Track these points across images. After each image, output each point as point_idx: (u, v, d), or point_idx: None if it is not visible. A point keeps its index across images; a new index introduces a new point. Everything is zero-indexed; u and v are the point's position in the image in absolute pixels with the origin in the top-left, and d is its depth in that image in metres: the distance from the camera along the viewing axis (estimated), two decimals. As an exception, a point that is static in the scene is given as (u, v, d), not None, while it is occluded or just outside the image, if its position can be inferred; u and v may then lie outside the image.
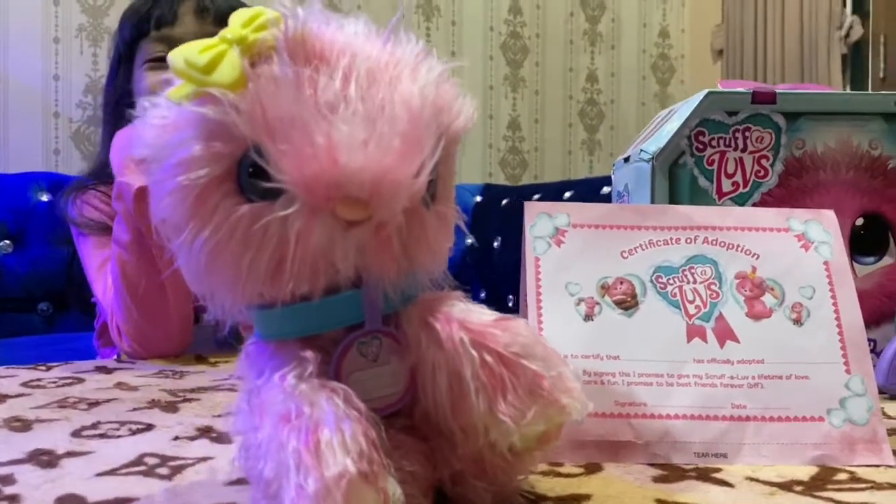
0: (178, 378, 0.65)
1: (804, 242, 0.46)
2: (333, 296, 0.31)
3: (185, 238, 0.31)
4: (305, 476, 0.27)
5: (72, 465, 0.39)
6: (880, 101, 0.59)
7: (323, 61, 0.30)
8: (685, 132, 0.58)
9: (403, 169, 0.30)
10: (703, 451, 0.41)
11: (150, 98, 0.33)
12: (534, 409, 0.30)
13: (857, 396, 0.42)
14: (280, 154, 0.29)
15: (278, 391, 0.30)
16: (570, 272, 0.44)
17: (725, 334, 0.43)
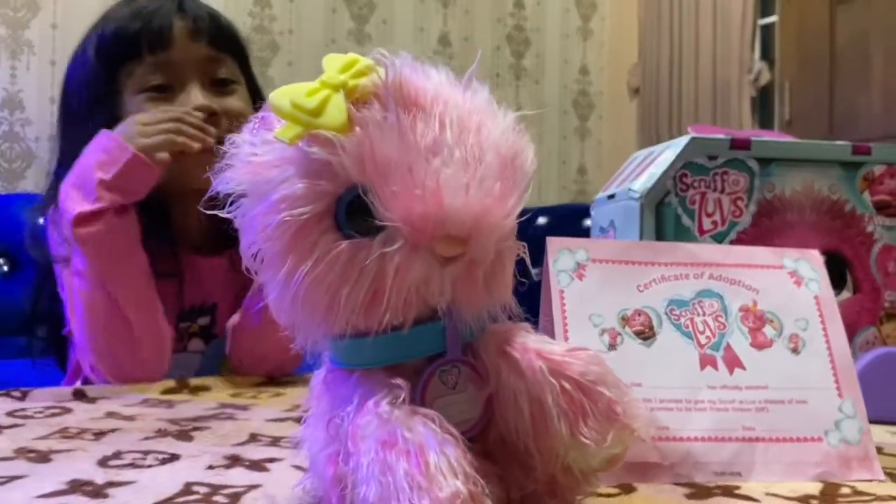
0: (169, 407, 0.64)
1: (796, 279, 0.51)
2: (420, 326, 0.33)
3: (284, 271, 0.32)
4: (420, 498, 0.29)
5: (123, 496, 0.39)
6: (839, 150, 0.65)
7: (418, 108, 0.33)
8: (671, 173, 0.63)
9: (500, 210, 0.32)
10: (720, 471, 0.44)
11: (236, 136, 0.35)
12: (612, 432, 0.33)
13: (850, 418, 0.47)
14: (389, 194, 0.31)
15: (373, 417, 0.32)
16: (592, 304, 0.48)
17: (734, 362, 0.47)
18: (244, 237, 0.34)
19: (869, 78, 2.21)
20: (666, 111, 2.93)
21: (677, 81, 2.89)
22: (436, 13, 2.80)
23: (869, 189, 0.66)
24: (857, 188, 0.66)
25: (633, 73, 3.14)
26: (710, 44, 2.74)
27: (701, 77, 2.78)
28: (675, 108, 2.89)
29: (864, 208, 0.66)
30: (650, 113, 3.00)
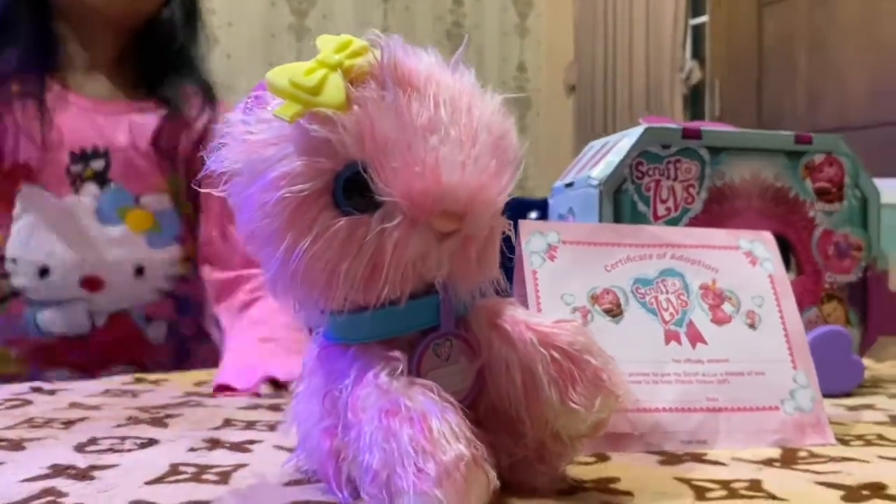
0: (134, 397, 0.63)
1: (752, 259, 0.54)
2: (415, 301, 0.34)
3: (283, 247, 0.33)
4: (425, 461, 0.30)
5: (110, 478, 0.39)
6: (783, 139, 0.69)
7: (413, 88, 0.34)
8: (627, 161, 0.65)
9: (494, 187, 0.33)
10: (687, 439, 0.47)
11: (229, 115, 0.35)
12: (599, 398, 0.35)
13: (803, 388, 0.50)
14: (390, 171, 0.32)
15: (373, 388, 0.33)
16: (564, 284, 0.49)
17: (696, 337, 0.50)
18: (240, 215, 0.35)
19: (794, 76, 2.31)
20: (601, 108, 3.00)
21: (612, 79, 2.96)
22: (376, 8, 2.79)
23: (810, 176, 0.70)
24: (800, 176, 0.69)
25: (569, 71, 3.20)
26: (644, 43, 2.82)
27: (635, 75, 2.86)
28: (610, 106, 2.96)
29: (806, 195, 0.69)
30: (586, 110, 3.06)
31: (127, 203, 0.92)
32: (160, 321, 0.95)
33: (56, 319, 0.89)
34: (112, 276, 0.90)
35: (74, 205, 0.89)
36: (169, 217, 0.94)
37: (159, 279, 0.93)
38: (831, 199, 0.70)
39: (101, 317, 0.91)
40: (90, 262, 0.89)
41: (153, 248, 0.93)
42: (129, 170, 0.92)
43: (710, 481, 0.39)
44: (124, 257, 0.91)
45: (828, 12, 2.23)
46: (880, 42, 2.09)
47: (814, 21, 2.25)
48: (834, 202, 0.70)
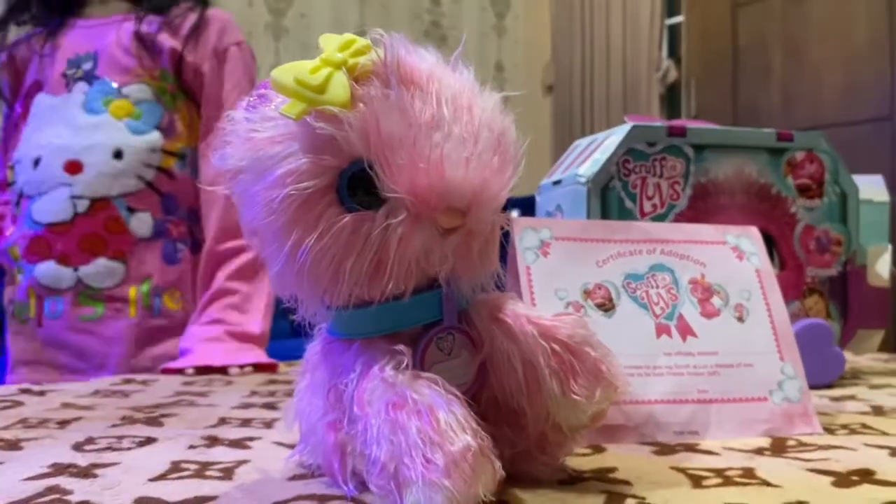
0: (124, 397, 0.63)
1: (738, 253, 0.55)
2: (419, 295, 0.35)
3: (289, 243, 0.33)
4: (433, 452, 0.30)
5: (113, 475, 0.39)
6: (765, 137, 0.70)
7: (416, 86, 0.34)
8: (615, 159, 0.66)
9: (497, 183, 0.34)
10: (679, 430, 0.48)
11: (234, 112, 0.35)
12: (598, 389, 0.35)
13: (791, 379, 0.51)
14: (395, 167, 0.32)
15: (379, 382, 0.33)
16: (557, 279, 0.50)
17: (686, 331, 0.51)
18: (245, 212, 0.35)
19: (769, 75, 2.34)
20: (579, 107, 3.02)
21: (589, 79, 2.98)
22: (353, 8, 2.79)
23: (792, 173, 0.71)
24: (782, 172, 0.71)
25: (546, 71, 3.22)
26: (620, 43, 2.84)
27: (612, 75, 2.88)
28: (588, 105, 2.98)
29: (788, 191, 0.71)
30: (564, 109, 3.08)
31: (110, 94, 0.99)
32: (143, 213, 0.98)
33: (44, 207, 0.96)
34: (90, 157, 0.96)
35: (66, 101, 0.99)
36: (149, 106, 1.00)
37: (139, 165, 0.98)
38: (812, 196, 0.72)
39: (82, 203, 0.95)
40: (72, 147, 0.96)
41: (132, 133, 0.98)
42: (113, 64, 1.01)
43: (704, 470, 0.40)
44: (103, 141, 0.97)
45: (801, 13, 2.27)
46: (852, 42, 2.13)
47: (787, 21, 2.29)
48: (814, 198, 0.72)
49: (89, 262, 0.95)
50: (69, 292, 0.96)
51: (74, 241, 0.95)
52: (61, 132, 0.97)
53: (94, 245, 0.95)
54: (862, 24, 2.09)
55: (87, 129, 0.97)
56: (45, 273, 0.95)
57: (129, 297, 0.97)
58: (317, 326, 0.39)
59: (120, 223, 0.96)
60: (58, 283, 0.95)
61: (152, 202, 0.99)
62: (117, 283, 0.97)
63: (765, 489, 0.36)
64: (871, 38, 2.06)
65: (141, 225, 0.98)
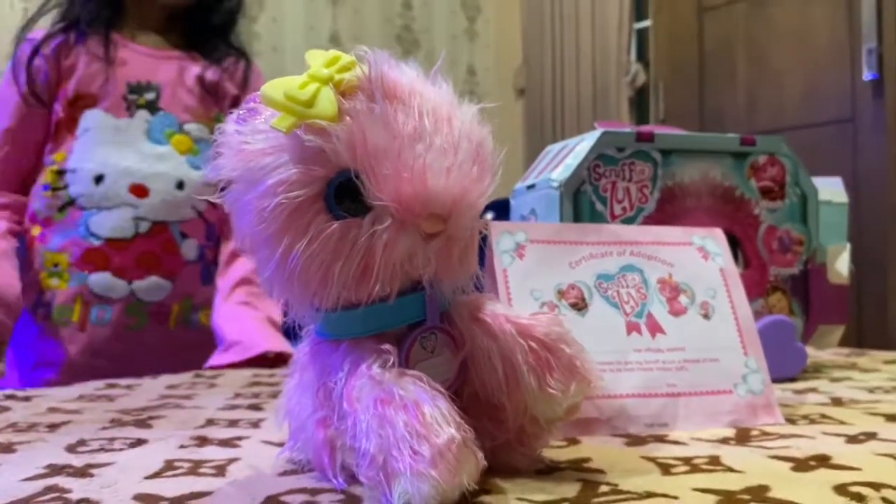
0: (110, 401, 0.64)
1: (704, 254, 0.58)
2: (403, 297, 0.37)
3: (280, 250, 0.35)
4: (420, 444, 0.32)
5: (109, 475, 0.40)
6: (729, 141, 0.73)
7: (398, 100, 0.36)
8: (586, 164, 0.69)
9: (475, 191, 0.36)
10: (650, 422, 0.50)
11: (224, 125, 0.37)
12: (573, 384, 0.38)
13: (754, 373, 0.54)
14: (381, 177, 0.34)
15: (366, 379, 0.35)
16: (532, 280, 0.52)
17: (655, 328, 0.53)
18: (237, 220, 0.37)
19: (734, 79, 2.39)
20: (549, 111, 3.06)
21: (560, 83, 3.02)
22: (325, 12, 2.80)
23: (755, 176, 0.74)
24: (745, 175, 0.74)
25: (518, 75, 3.25)
26: (590, 46, 2.88)
27: (582, 78, 2.92)
28: (559, 108, 3.02)
29: (751, 194, 0.74)
30: (535, 112, 3.11)
31: (172, 127, 1.10)
32: (192, 240, 1.09)
33: (105, 222, 1.05)
34: (156, 185, 1.07)
35: (129, 125, 1.09)
36: (206, 145, 1.10)
37: (195, 197, 1.09)
38: (774, 198, 0.75)
39: (144, 224, 1.06)
40: (139, 172, 1.06)
41: (192, 167, 1.10)
42: (176, 101, 1.12)
43: (673, 458, 0.42)
44: (167, 171, 1.08)
45: (765, 18, 2.32)
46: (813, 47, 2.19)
47: (751, 26, 2.34)
48: (776, 200, 0.75)
49: (143, 277, 1.05)
50: (119, 302, 1.05)
51: (132, 257, 1.05)
52: (127, 155, 1.06)
53: (149, 263, 1.06)
54: (823, 29, 2.14)
55: (153, 157, 1.07)
56: (99, 282, 1.04)
57: (171, 311, 1.08)
58: (305, 329, 0.41)
59: (174, 246, 1.08)
60: (109, 293, 1.04)
61: (200, 229, 1.11)
62: (162, 299, 1.07)
63: (729, 475, 0.39)
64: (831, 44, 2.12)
65: (190, 249, 1.09)
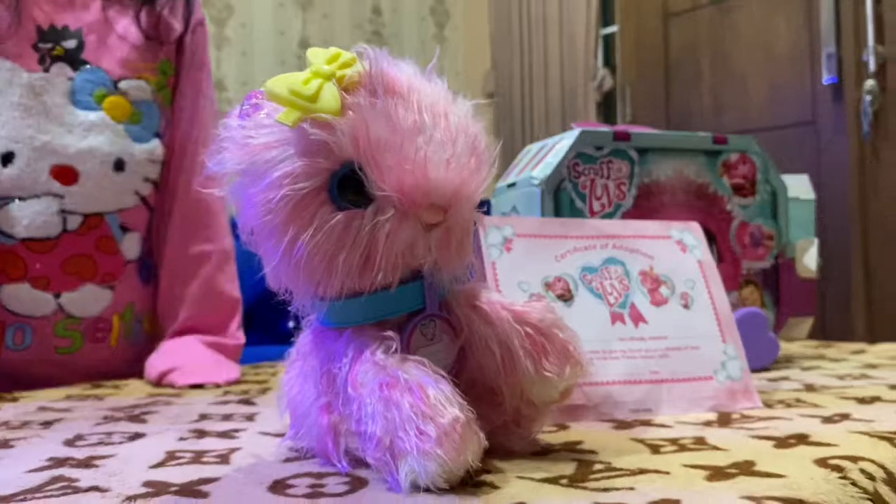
0: (99, 400, 0.65)
1: (682, 246, 0.60)
2: (404, 286, 0.38)
3: (286, 240, 0.36)
4: (425, 424, 0.34)
5: (113, 465, 0.41)
6: (702, 140, 0.76)
7: (398, 95, 0.38)
8: (566, 162, 0.70)
9: (473, 182, 0.38)
10: (635, 408, 0.52)
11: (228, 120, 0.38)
12: (568, 367, 0.39)
13: (732, 359, 0.56)
14: (385, 169, 0.36)
15: (371, 365, 0.37)
16: (520, 273, 0.54)
17: (638, 318, 0.55)
18: (242, 212, 0.38)
19: (699, 83, 2.44)
20: (519, 115, 3.09)
21: (528, 87, 3.05)
22: (295, 17, 2.80)
23: (727, 174, 0.77)
24: (718, 173, 0.76)
25: (487, 80, 3.28)
26: (558, 52, 2.92)
27: (550, 83, 2.96)
28: (528, 112, 3.05)
29: (724, 190, 0.76)
30: (505, 117, 3.14)
31: (104, 86, 0.82)
32: (135, 233, 0.85)
33: (22, 217, 0.78)
34: (87, 166, 0.80)
35: (45, 84, 0.80)
36: (148, 108, 0.85)
37: (138, 180, 0.84)
38: (745, 194, 0.78)
39: (74, 219, 0.80)
40: (63, 150, 0.79)
41: (134, 139, 0.83)
42: (105, 51, 0.83)
43: (661, 440, 0.44)
44: (102, 146, 0.81)
45: (729, 24, 2.37)
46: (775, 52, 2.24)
47: (716, 32, 2.39)
48: (748, 196, 0.78)
49: (75, 287, 0.81)
50: (43, 321, 0.80)
51: (58, 262, 0.79)
52: (45, 126, 0.79)
53: (81, 268, 0.81)
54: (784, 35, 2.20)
55: (81, 128, 0.80)
56: (14, 295, 0.78)
57: (112, 326, 0.84)
58: (306, 318, 0.42)
59: (112, 243, 0.83)
60: (29, 309, 0.79)
61: (142, 219, 0.86)
62: (101, 313, 0.83)
63: (715, 452, 0.41)
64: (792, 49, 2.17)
65: (131, 245, 0.85)
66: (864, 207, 1.84)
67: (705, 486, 0.35)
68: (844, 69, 1.97)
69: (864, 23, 1.88)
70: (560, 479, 0.36)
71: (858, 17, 1.91)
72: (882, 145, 1.88)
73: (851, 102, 1.92)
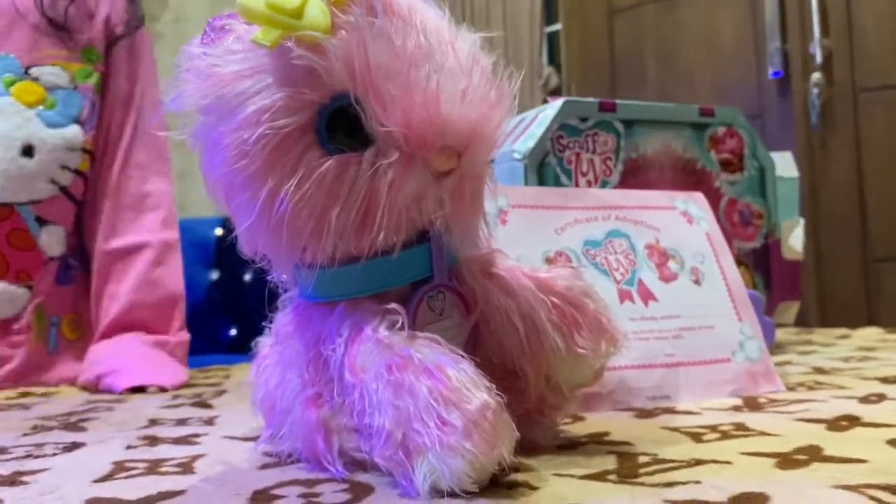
0: (25, 409, 0.56)
1: (688, 218, 0.54)
2: (409, 250, 0.32)
3: (264, 192, 0.29)
4: (448, 412, 0.27)
5: (47, 480, 0.33)
6: (689, 111, 0.71)
7: (398, 16, 0.31)
8: (549, 135, 0.65)
9: (494, 119, 0.31)
10: (652, 395, 0.46)
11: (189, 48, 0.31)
12: (603, 342, 0.33)
13: (750, 339, 0.51)
14: (387, 100, 0.29)
15: (372, 344, 0.30)
16: (517, 247, 0.48)
17: (647, 295, 0.50)
18: (207, 159, 0.31)
19: (645, 80, 2.43)
20: (463, 115, 3.03)
21: (473, 86, 3.00)
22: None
23: (714, 148, 0.72)
24: (706, 148, 0.72)
25: (429, 79, 3.22)
26: (503, 50, 2.88)
27: (495, 81, 2.91)
28: (473, 112, 3.00)
29: (711, 166, 0.72)
30: (449, 117, 3.09)
31: (13, 72, 0.77)
32: (57, 227, 0.78)
33: None
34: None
35: None
36: (66, 94, 0.79)
37: (53, 167, 0.78)
38: (733, 170, 0.73)
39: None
40: None
41: (46, 124, 0.78)
42: (13, 35, 0.78)
43: (696, 427, 0.38)
44: (7, 131, 0.75)
45: (673, 19, 2.37)
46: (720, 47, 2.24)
47: (660, 27, 2.38)
48: (736, 172, 0.73)
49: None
50: None
51: None
52: None
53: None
54: (729, 30, 2.20)
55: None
56: None
57: (32, 327, 0.77)
58: (284, 295, 0.35)
59: (27, 236, 0.76)
60: None
61: (66, 212, 0.79)
62: (17, 313, 0.76)
63: (768, 438, 0.35)
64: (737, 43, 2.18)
65: (52, 240, 0.78)
66: (815, 198, 1.84)
67: (783, 475, 0.29)
68: (791, 62, 1.97)
69: (810, 16, 1.89)
70: (606, 476, 0.30)
71: (804, 10, 1.92)
72: (829, 137, 1.89)
73: (799, 95, 1.93)
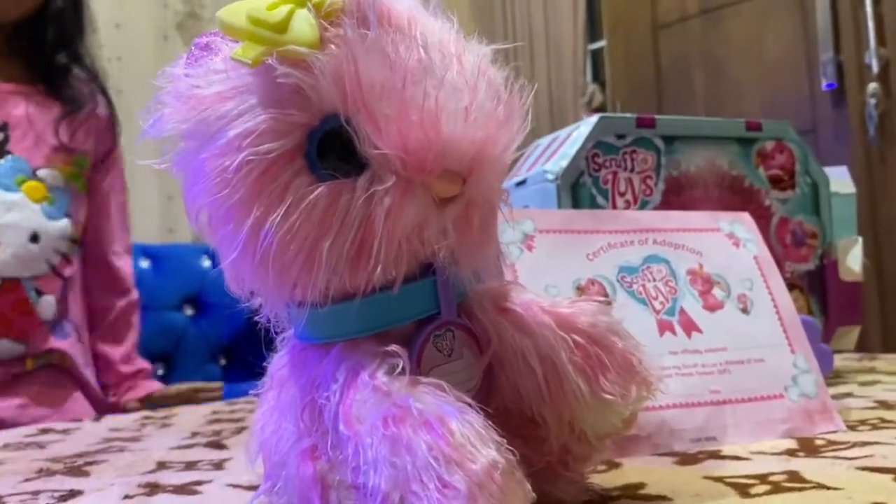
0: (40, 448, 0.54)
1: (734, 240, 0.50)
2: (411, 284, 0.29)
3: (248, 223, 0.26)
4: (450, 473, 0.24)
5: (26, 538, 0.31)
6: (734, 126, 0.67)
7: (395, 28, 0.28)
8: (583, 154, 0.61)
9: (502, 140, 0.28)
10: (696, 437, 0.42)
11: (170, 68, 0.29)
12: (633, 386, 0.30)
13: (805, 373, 0.46)
14: (382, 120, 0.26)
15: (369, 392, 0.27)
16: (546, 275, 0.44)
17: (690, 326, 0.46)
18: (188, 188, 0.28)
19: (693, 95, 2.37)
20: (507, 135, 3.01)
21: (516, 106, 2.97)
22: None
23: (763, 164, 0.68)
24: (753, 164, 0.67)
25: (472, 100, 3.21)
26: (545, 69, 2.85)
27: (538, 101, 2.87)
28: (516, 132, 2.97)
29: (760, 183, 0.67)
30: (492, 137, 3.07)
31: (24, 173, 0.97)
32: (49, 297, 0.98)
33: None
34: (7, 237, 0.93)
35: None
36: (60, 193, 1.00)
37: (50, 251, 0.98)
38: (784, 187, 0.69)
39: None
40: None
41: (47, 217, 0.98)
42: (28, 143, 0.98)
43: (743, 477, 0.34)
44: (19, 222, 0.95)
45: (720, 33, 2.31)
46: (770, 59, 2.18)
47: (707, 42, 2.33)
48: (787, 189, 0.69)
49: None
50: None
51: None
52: None
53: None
54: (778, 41, 2.13)
55: (2, 206, 0.94)
56: None
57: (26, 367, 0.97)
58: (281, 334, 0.32)
59: (28, 305, 0.96)
60: None
61: (56, 286, 0.99)
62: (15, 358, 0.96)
63: (826, 493, 0.31)
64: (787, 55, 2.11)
65: (46, 308, 0.98)
66: (874, 213, 1.76)
67: (844, 545, 0.25)
68: (846, 73, 1.90)
69: (865, 25, 1.81)
70: (637, 542, 0.26)
71: (858, 19, 1.85)
72: (889, 150, 1.81)
73: (855, 107, 1.85)
